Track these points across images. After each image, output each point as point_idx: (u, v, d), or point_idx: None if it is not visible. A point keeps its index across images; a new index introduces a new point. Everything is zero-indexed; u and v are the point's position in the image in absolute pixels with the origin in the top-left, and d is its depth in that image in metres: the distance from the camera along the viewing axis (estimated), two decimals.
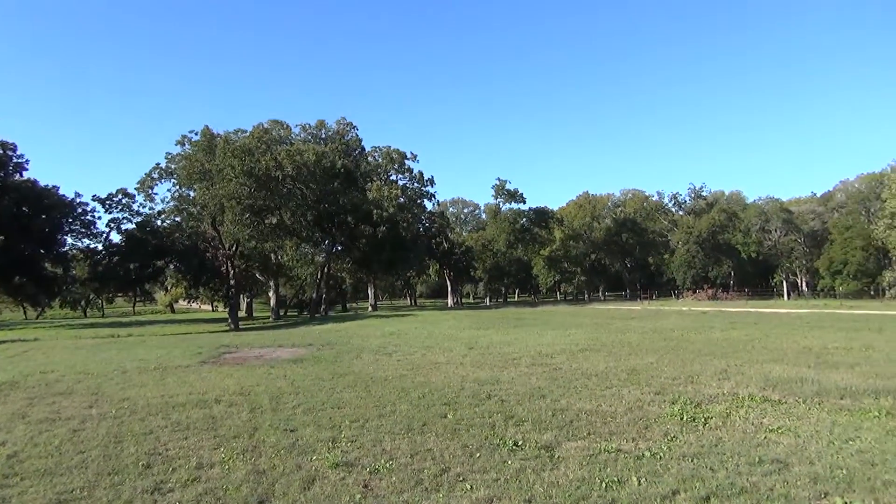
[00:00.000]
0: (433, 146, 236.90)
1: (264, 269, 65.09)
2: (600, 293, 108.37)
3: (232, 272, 50.37)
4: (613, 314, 41.21)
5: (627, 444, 7.47)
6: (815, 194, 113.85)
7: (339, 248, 65.98)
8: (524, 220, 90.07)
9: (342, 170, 62.03)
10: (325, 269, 65.19)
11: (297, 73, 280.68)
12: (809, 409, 9.14)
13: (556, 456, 7.04)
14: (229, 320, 47.42)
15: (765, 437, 7.58)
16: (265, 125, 60.53)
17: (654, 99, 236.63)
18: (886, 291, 63.72)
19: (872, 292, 76.99)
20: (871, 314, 34.73)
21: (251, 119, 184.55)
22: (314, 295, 65.82)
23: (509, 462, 6.84)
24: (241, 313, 64.55)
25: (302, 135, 68.25)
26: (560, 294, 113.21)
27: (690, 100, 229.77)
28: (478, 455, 7.17)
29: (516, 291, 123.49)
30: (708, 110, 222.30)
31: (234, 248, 51.67)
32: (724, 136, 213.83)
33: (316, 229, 61.85)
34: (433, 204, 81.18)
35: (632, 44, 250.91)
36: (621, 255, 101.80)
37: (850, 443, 7.22)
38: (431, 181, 76.01)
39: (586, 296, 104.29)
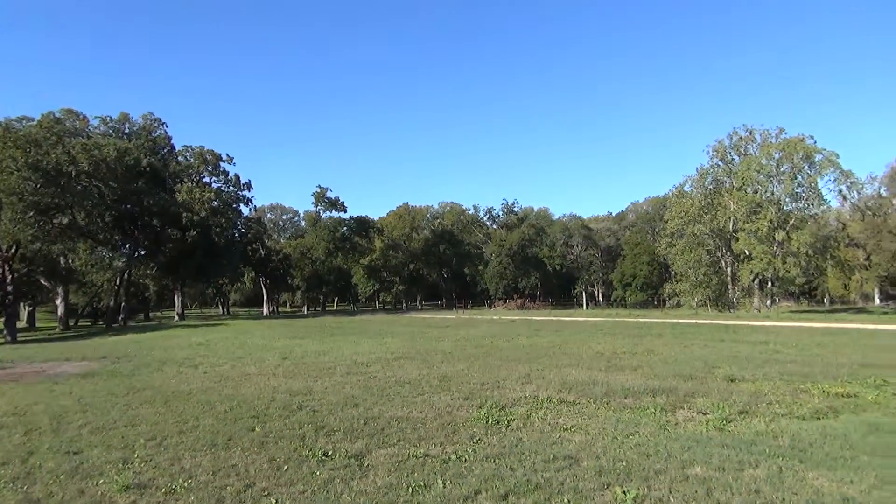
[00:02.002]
0: (251, 150, 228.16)
1: (51, 274, 58.18)
2: (418, 302, 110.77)
3: (9, 277, 44.47)
4: (429, 323, 42.23)
5: (435, 448, 7.66)
6: (610, 213, 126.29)
7: (143, 252, 61.04)
8: (344, 228, 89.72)
9: (148, 168, 57.53)
10: (126, 276, 59.92)
11: (97, 66, 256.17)
12: (599, 408, 10.01)
13: (366, 464, 7.03)
14: (5, 332, 41.78)
15: (559, 436, 8.17)
16: (57, 114, 54.40)
17: (470, 114, 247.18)
18: (667, 302, 71.79)
19: (656, 302, 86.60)
20: (653, 322, 38.91)
21: (39, 108, 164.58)
22: (111, 303, 60.21)
23: (318, 473, 6.71)
24: (22, 324, 57.29)
25: (102, 128, 62.24)
26: (379, 303, 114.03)
27: (503, 116, 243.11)
28: (285, 468, 6.95)
29: (335, 300, 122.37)
30: (518, 127, 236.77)
31: (13, 250, 45.70)
32: (535, 155, 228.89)
33: (115, 231, 56.74)
34: (250, 209, 78.17)
35: (454, 57, 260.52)
36: (439, 265, 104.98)
37: (631, 437, 8.01)
38: (248, 185, 73.24)
39: (404, 305, 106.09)
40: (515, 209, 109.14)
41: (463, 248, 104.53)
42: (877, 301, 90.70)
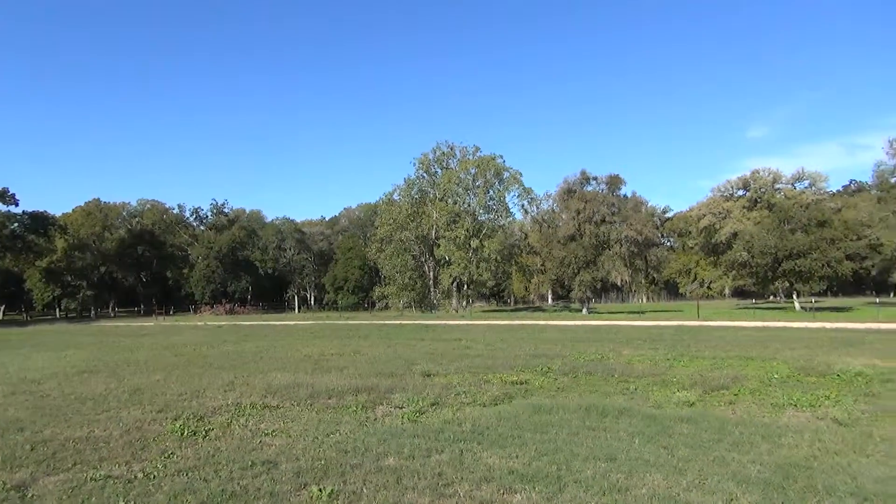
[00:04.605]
0: None
1: None
2: (111, 309, 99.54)
3: None
4: (123, 331, 38.33)
5: (119, 468, 6.96)
6: (324, 218, 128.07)
7: None
8: (15, 224, 76.78)
9: None
10: None
11: None
12: (302, 410, 10.06)
13: (30, 495, 6.11)
14: None
15: (260, 442, 8.02)
16: None
17: (174, 106, 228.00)
18: (376, 304, 74.98)
19: (366, 305, 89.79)
20: (362, 324, 40.34)
21: None
22: None
23: None
24: None
25: None
26: (61, 311, 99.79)
27: (212, 112, 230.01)
28: None
29: (2, 309, 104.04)
30: (228, 125, 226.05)
31: None
32: (247, 155, 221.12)
33: None
34: None
35: (164, 45, 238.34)
36: (137, 268, 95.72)
37: (331, 436, 8.20)
38: None
39: (93, 312, 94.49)
40: (226, 210, 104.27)
41: (166, 249, 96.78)
42: (549, 301, 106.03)
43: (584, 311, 60.64)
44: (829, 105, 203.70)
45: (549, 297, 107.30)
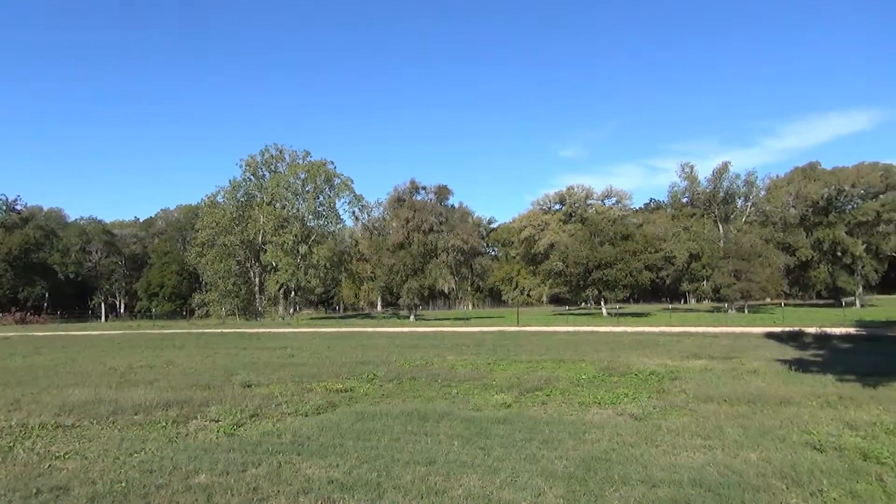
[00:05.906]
0: None
1: None
2: None
3: None
4: None
5: None
6: (138, 219, 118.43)
7: None
8: None
9: None
10: None
11: None
12: (103, 429, 9.15)
13: None
14: None
15: (49, 466, 7.15)
16: None
17: None
18: (196, 311, 70.63)
19: (184, 313, 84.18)
20: (178, 333, 37.83)
21: None
22: None
23: None
24: None
25: None
26: None
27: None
28: None
29: None
30: (22, 113, 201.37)
31: None
32: (47, 148, 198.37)
33: None
34: None
35: None
36: None
37: (135, 455, 7.52)
38: None
39: None
40: (17, 207, 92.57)
41: None
42: (379, 307, 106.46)
43: (412, 317, 61.55)
44: (632, 130, 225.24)
45: (379, 304, 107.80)
